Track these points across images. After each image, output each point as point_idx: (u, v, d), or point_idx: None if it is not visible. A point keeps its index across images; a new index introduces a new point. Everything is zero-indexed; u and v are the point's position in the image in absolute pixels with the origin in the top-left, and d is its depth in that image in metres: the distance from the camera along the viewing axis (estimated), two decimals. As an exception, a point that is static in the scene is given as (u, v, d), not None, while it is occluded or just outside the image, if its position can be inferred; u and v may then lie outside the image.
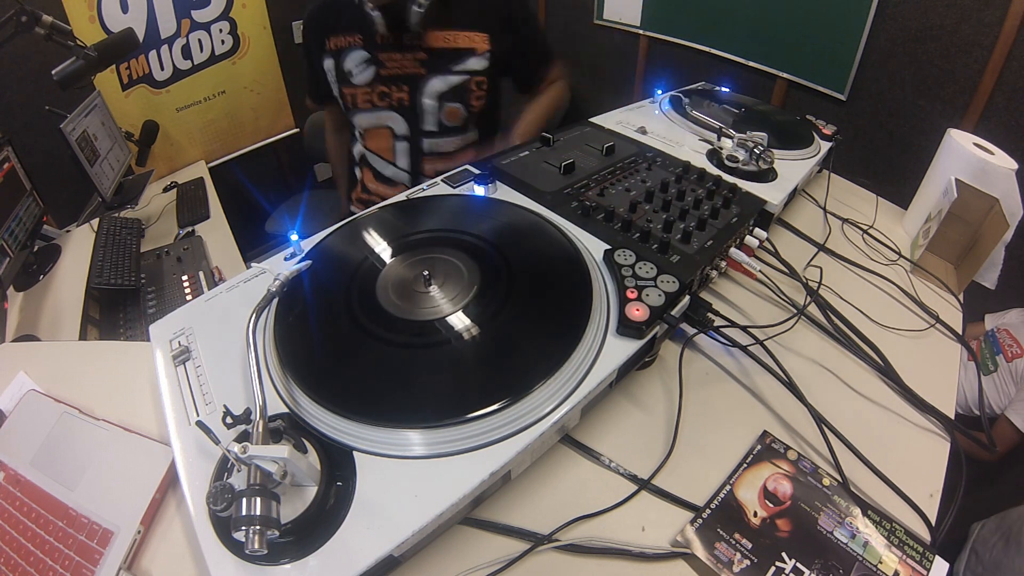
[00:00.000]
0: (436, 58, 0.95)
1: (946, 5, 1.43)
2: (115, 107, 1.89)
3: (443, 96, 0.97)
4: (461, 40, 0.95)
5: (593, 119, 1.03)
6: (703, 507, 0.50)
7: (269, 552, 0.36)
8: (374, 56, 0.94)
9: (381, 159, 1.06)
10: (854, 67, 1.65)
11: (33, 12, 1.23)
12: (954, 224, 0.84)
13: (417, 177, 1.06)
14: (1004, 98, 1.40)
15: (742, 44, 1.94)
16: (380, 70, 0.96)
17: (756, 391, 0.62)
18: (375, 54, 0.94)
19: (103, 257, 1.35)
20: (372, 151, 1.06)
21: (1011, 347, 1.42)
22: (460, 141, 1.05)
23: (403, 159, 1.03)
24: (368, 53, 0.95)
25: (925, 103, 1.56)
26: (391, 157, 1.04)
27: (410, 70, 0.95)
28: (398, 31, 0.92)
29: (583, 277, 0.58)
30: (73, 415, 0.58)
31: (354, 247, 0.66)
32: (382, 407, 0.46)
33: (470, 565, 0.46)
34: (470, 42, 0.95)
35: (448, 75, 0.96)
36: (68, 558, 0.48)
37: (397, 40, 0.93)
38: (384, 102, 0.98)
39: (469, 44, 0.95)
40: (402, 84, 0.96)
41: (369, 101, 0.99)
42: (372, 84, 0.97)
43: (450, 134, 1.02)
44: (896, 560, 0.47)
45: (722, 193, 0.76)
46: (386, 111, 0.99)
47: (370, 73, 0.96)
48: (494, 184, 0.77)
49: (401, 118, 1.00)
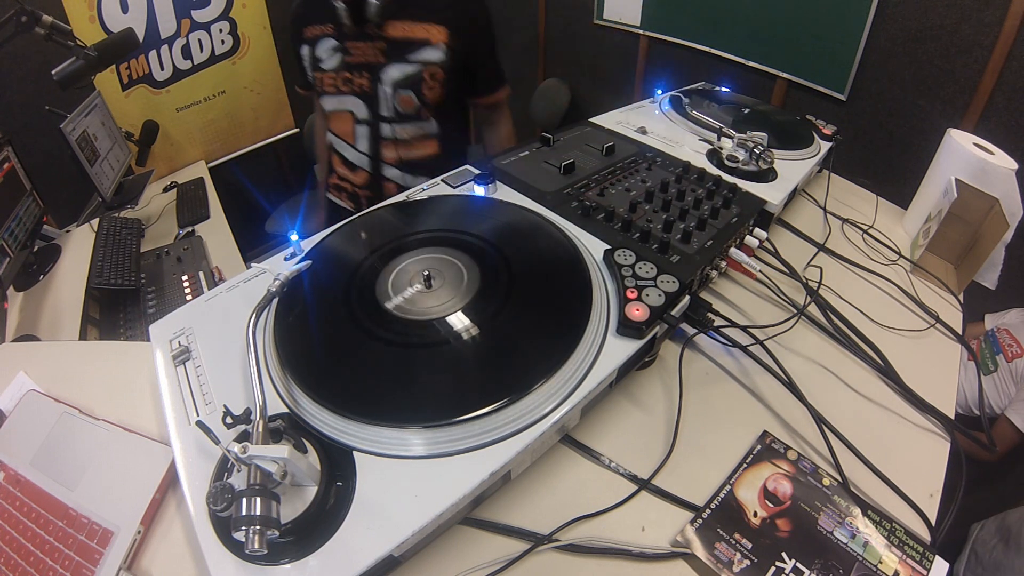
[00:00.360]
0: (395, 47, 1.02)
1: (946, 5, 1.43)
2: (115, 107, 1.89)
3: (397, 83, 1.04)
4: (419, 31, 1.02)
5: (593, 119, 1.03)
6: (703, 507, 0.50)
7: (269, 552, 0.36)
8: (342, 44, 1.03)
9: (344, 142, 1.13)
10: (854, 67, 1.65)
11: (33, 12, 1.23)
12: (954, 224, 0.84)
13: (377, 162, 1.12)
14: (1004, 98, 1.40)
15: (742, 44, 1.94)
16: (346, 57, 1.04)
17: (756, 391, 0.62)
18: (343, 43, 1.03)
19: (103, 257, 1.35)
20: (336, 135, 1.14)
21: (1011, 347, 1.42)
22: (416, 130, 1.10)
23: (363, 143, 1.10)
24: (337, 41, 1.03)
25: (925, 103, 1.56)
26: (352, 141, 1.12)
27: (371, 58, 1.03)
28: (361, 22, 1.00)
29: (583, 277, 0.58)
30: (73, 415, 0.58)
31: (354, 247, 0.66)
32: (382, 407, 0.46)
33: (470, 565, 0.46)
34: (427, 33, 1.02)
35: (404, 64, 1.02)
36: (68, 558, 0.48)
37: (361, 30, 1.01)
38: (347, 87, 1.06)
39: (425, 35, 1.02)
40: (364, 71, 1.04)
41: (334, 85, 1.07)
42: (338, 70, 1.05)
43: (405, 121, 1.08)
44: (896, 560, 0.47)
45: (722, 193, 0.76)
46: (349, 96, 1.07)
47: (337, 60, 1.04)
48: (494, 184, 0.77)
49: (362, 103, 1.07)
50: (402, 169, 1.13)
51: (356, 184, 1.18)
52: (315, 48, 1.06)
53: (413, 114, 1.07)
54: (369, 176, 1.14)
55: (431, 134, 1.11)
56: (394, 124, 1.08)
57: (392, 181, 1.15)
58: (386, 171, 1.13)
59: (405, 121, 1.08)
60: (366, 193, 1.18)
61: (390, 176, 1.14)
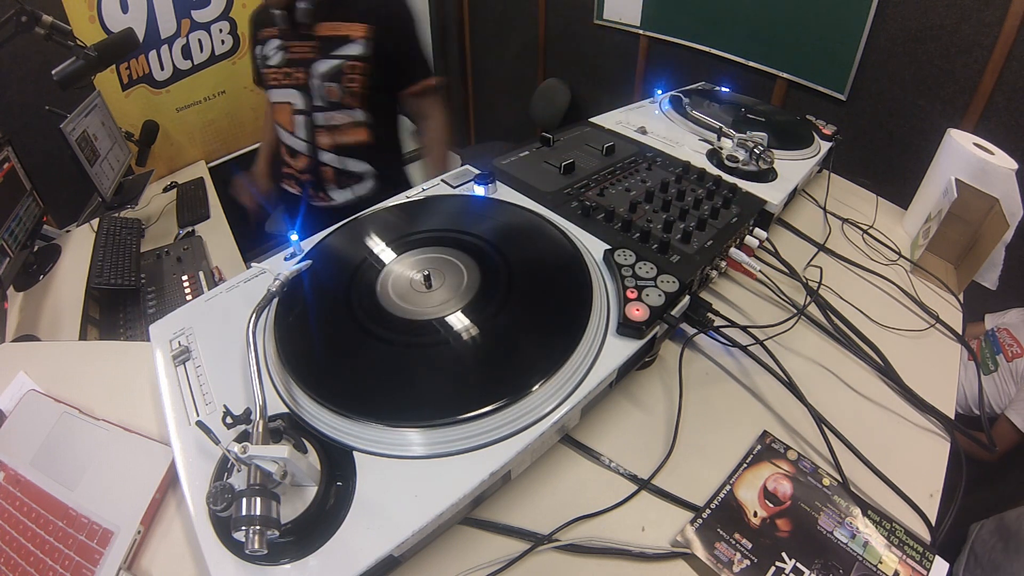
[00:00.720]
0: (324, 44, 1.16)
1: (946, 5, 1.43)
2: (115, 107, 1.89)
3: (324, 76, 1.17)
4: (343, 29, 1.16)
5: (593, 119, 1.03)
6: (703, 507, 0.50)
7: (269, 552, 0.36)
8: (284, 44, 1.19)
9: (286, 131, 1.27)
10: (854, 67, 1.65)
11: (33, 12, 1.23)
12: (954, 224, 0.84)
13: (314, 148, 1.26)
14: (1004, 98, 1.40)
15: (742, 44, 1.93)
16: (287, 55, 1.19)
17: (756, 391, 0.62)
18: (285, 42, 1.19)
19: (103, 257, 1.35)
20: (281, 125, 1.28)
21: (1011, 347, 1.41)
22: (345, 117, 1.23)
23: (301, 131, 1.25)
24: (281, 41, 1.19)
25: (925, 103, 1.56)
26: (292, 129, 1.26)
27: (305, 55, 1.18)
28: (295, 25, 1.15)
29: (583, 277, 0.58)
30: (73, 415, 0.58)
31: (354, 247, 0.66)
32: (382, 407, 0.46)
33: (470, 565, 0.46)
34: (349, 31, 1.16)
35: (330, 59, 1.17)
36: (68, 558, 0.48)
37: (298, 31, 1.16)
38: (288, 80, 1.21)
39: (348, 32, 1.16)
40: (299, 66, 1.19)
41: (277, 80, 1.22)
42: (280, 66, 1.21)
43: (334, 109, 1.21)
44: (896, 560, 0.47)
45: (722, 193, 0.76)
46: (289, 88, 1.22)
47: (280, 57, 1.20)
48: (494, 184, 0.77)
49: (299, 94, 1.22)
50: (336, 153, 1.26)
51: (298, 170, 1.31)
52: (264, 48, 1.22)
53: (340, 103, 1.21)
54: (308, 160, 1.28)
55: (360, 122, 1.24)
56: (325, 112, 1.21)
57: (329, 165, 1.27)
58: (322, 156, 1.26)
59: (334, 109, 1.21)
60: (307, 177, 1.30)
61: (326, 160, 1.26)
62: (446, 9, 3.17)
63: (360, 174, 1.29)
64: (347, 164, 1.27)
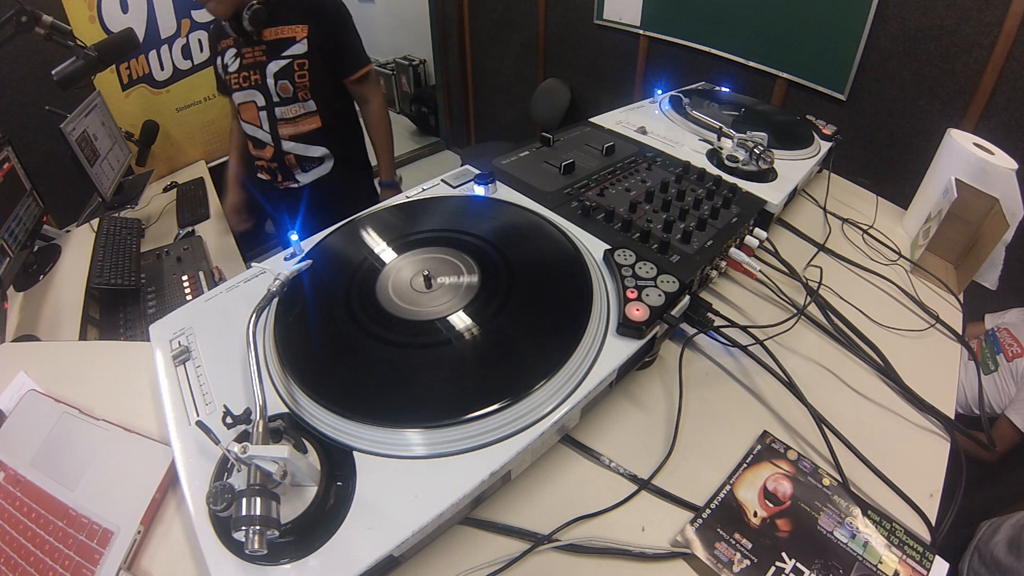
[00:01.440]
0: (271, 48, 1.32)
1: (946, 5, 1.43)
2: (115, 107, 1.89)
3: (276, 75, 1.33)
4: (286, 32, 1.31)
5: (593, 119, 1.03)
6: (703, 507, 0.50)
7: (269, 552, 0.36)
8: (239, 51, 1.34)
9: (253, 126, 1.43)
10: (854, 67, 1.65)
11: (33, 12, 1.23)
12: (954, 224, 0.84)
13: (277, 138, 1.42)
14: (1004, 98, 1.40)
15: (742, 44, 1.93)
16: (242, 60, 1.35)
17: (756, 391, 0.62)
18: (239, 49, 1.34)
19: (103, 257, 1.35)
20: (247, 121, 1.44)
21: (1011, 347, 1.41)
22: (299, 109, 1.39)
23: (265, 124, 1.41)
24: (236, 49, 1.35)
25: (925, 103, 1.56)
26: (258, 124, 1.42)
27: (257, 59, 1.33)
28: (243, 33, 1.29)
29: (583, 277, 0.58)
30: (73, 415, 0.58)
31: (354, 247, 0.66)
32: (382, 407, 0.46)
33: (470, 565, 0.46)
34: (292, 32, 1.31)
35: (279, 59, 1.32)
36: (68, 558, 0.48)
37: (248, 38, 1.32)
38: (247, 83, 1.37)
39: (291, 34, 1.31)
40: (254, 69, 1.34)
41: (238, 83, 1.38)
42: (238, 71, 1.36)
43: (288, 103, 1.38)
44: (896, 560, 0.47)
45: (722, 193, 0.76)
46: (249, 89, 1.37)
47: (237, 63, 1.35)
48: (494, 184, 0.77)
49: (259, 93, 1.37)
50: (296, 141, 1.43)
51: (266, 159, 1.48)
52: (223, 57, 1.38)
53: (292, 97, 1.37)
54: (274, 150, 1.44)
55: (312, 111, 1.41)
56: (282, 106, 1.38)
57: (291, 153, 1.44)
58: (285, 145, 1.43)
59: (289, 103, 1.38)
60: (274, 165, 1.47)
61: (288, 149, 1.44)
62: (446, 9, 3.17)
63: (320, 158, 1.47)
64: (308, 151, 1.45)
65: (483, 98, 3.39)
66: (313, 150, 1.45)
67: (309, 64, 1.34)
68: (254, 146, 1.49)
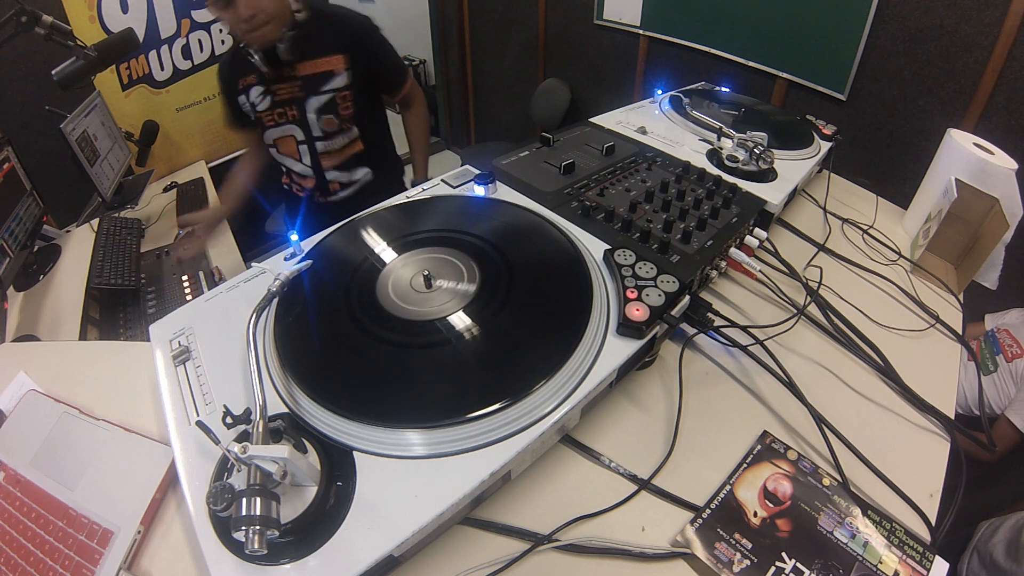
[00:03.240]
0: (308, 83, 1.22)
1: (946, 5, 1.43)
2: (115, 107, 1.89)
3: (319, 111, 1.25)
4: (323, 65, 1.22)
5: (593, 119, 1.03)
6: (703, 507, 0.50)
7: (269, 552, 0.36)
8: (267, 88, 1.24)
9: (292, 159, 1.36)
10: (854, 67, 1.65)
11: (33, 12, 1.23)
12: (954, 224, 0.84)
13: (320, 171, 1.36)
14: (1004, 98, 1.40)
15: (742, 44, 1.93)
16: (274, 98, 1.24)
17: (756, 391, 0.62)
18: (267, 86, 1.24)
19: (103, 257, 1.35)
20: (285, 154, 1.37)
21: (1011, 347, 1.41)
22: (343, 140, 1.33)
23: (306, 158, 1.34)
24: (263, 87, 1.24)
25: (925, 103, 1.56)
26: (298, 157, 1.35)
27: (293, 94, 1.24)
28: (277, 67, 1.19)
29: (583, 277, 0.58)
30: (73, 415, 0.58)
31: (354, 247, 0.66)
32: (382, 407, 0.46)
33: (470, 565, 0.46)
34: (330, 65, 1.22)
35: (319, 95, 1.24)
36: (68, 558, 0.48)
37: (279, 74, 1.21)
38: (283, 119, 1.28)
39: (330, 67, 1.22)
40: (290, 105, 1.25)
41: (272, 120, 1.28)
42: (271, 109, 1.26)
43: (332, 137, 1.31)
44: (896, 560, 0.47)
45: (722, 193, 0.76)
46: (286, 125, 1.29)
47: (268, 101, 1.25)
48: (494, 184, 0.77)
49: (297, 128, 1.29)
50: (340, 169, 1.37)
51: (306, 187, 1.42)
52: (249, 95, 1.27)
53: (337, 130, 1.30)
54: (316, 180, 1.38)
55: (355, 138, 1.35)
56: (325, 141, 1.31)
57: (335, 181, 1.38)
58: (328, 175, 1.37)
59: (333, 137, 1.31)
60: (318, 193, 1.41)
61: (332, 178, 1.38)
62: (446, 9, 3.17)
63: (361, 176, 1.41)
64: (352, 176, 1.39)
65: (483, 98, 3.39)
66: (357, 173, 1.39)
67: (352, 94, 1.27)
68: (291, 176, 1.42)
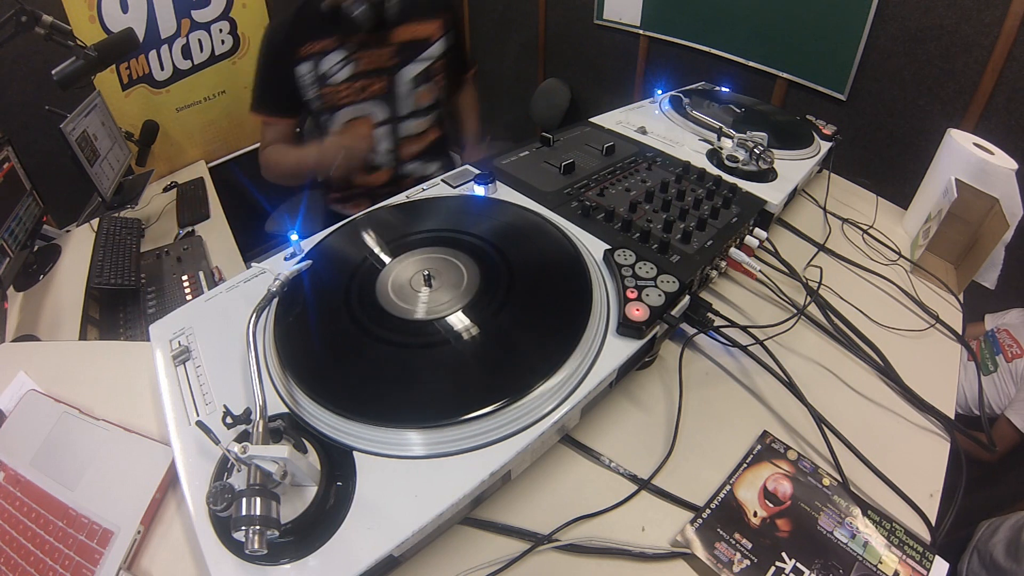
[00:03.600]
0: (404, 49, 1.07)
1: (946, 5, 1.43)
2: (115, 107, 1.89)
3: (414, 81, 1.11)
4: (421, 31, 1.09)
5: (593, 119, 1.03)
6: (703, 507, 0.50)
7: (269, 552, 0.36)
8: (350, 55, 1.04)
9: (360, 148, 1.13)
10: (854, 67, 1.65)
11: (33, 12, 1.23)
12: (954, 224, 0.84)
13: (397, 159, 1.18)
14: (1004, 98, 1.40)
15: (742, 44, 1.93)
16: (356, 67, 1.06)
17: (756, 391, 0.62)
18: (351, 53, 1.04)
19: (103, 257, 1.35)
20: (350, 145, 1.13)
21: (1011, 347, 1.42)
22: (427, 122, 1.18)
23: (386, 142, 1.15)
24: (343, 53, 1.04)
25: (925, 103, 1.56)
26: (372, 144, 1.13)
27: (384, 62, 1.07)
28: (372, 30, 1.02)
29: (583, 277, 0.58)
30: (73, 415, 0.58)
31: (354, 247, 0.66)
32: (382, 407, 0.46)
33: (470, 565, 0.46)
34: (428, 31, 1.10)
35: (416, 62, 1.10)
36: (68, 558, 0.48)
37: (370, 37, 1.04)
38: (362, 95, 1.09)
39: (427, 33, 1.10)
40: (377, 76, 1.07)
41: (348, 96, 1.08)
42: (350, 80, 1.06)
43: (421, 115, 1.15)
44: (896, 560, 0.47)
45: (722, 193, 0.76)
46: (365, 103, 1.10)
47: (349, 70, 1.05)
48: (494, 184, 0.77)
49: (380, 107, 1.11)
50: (418, 159, 1.19)
51: (375, 185, 1.20)
52: (319, 64, 1.04)
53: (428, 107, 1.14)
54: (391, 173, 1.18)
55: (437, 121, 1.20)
56: (413, 119, 1.14)
57: (411, 175, 1.20)
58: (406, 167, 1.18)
59: (422, 115, 1.14)
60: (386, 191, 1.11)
61: (409, 171, 1.19)
62: (446, 9, 3.16)
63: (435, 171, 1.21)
64: (427, 168, 1.20)
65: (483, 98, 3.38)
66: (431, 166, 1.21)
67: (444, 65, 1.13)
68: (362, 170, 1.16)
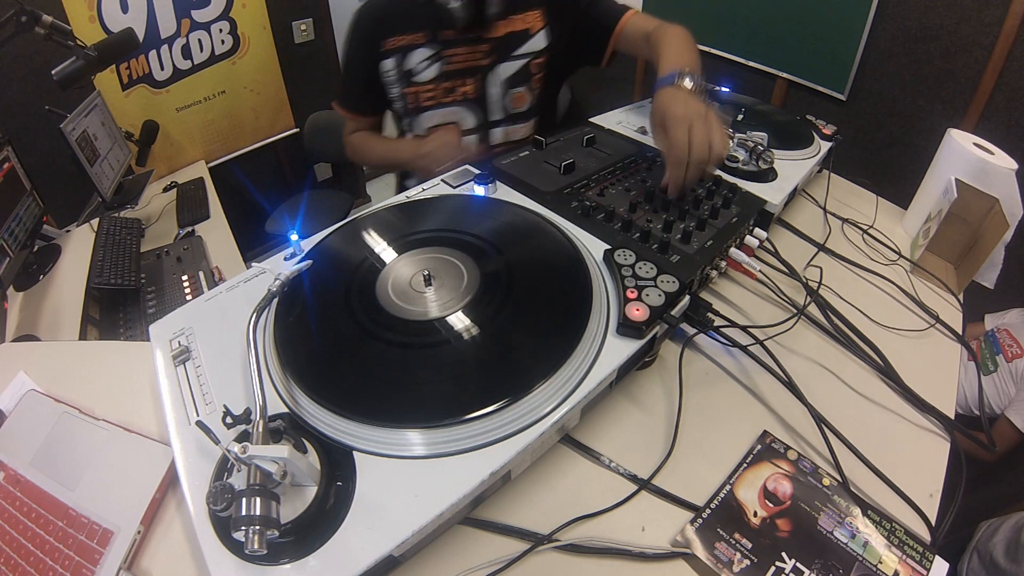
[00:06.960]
0: (499, 46, 0.95)
1: (946, 5, 1.43)
2: (115, 107, 1.89)
3: (508, 82, 0.98)
4: (517, 24, 0.96)
5: (593, 119, 1.03)
6: (703, 507, 0.50)
7: (269, 552, 0.36)
8: (438, 52, 0.94)
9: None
10: (854, 67, 1.65)
11: (33, 12, 1.23)
12: (954, 224, 0.84)
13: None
14: (1004, 98, 1.41)
15: (742, 44, 1.94)
16: (445, 66, 0.95)
17: (756, 391, 0.62)
18: (439, 50, 0.94)
19: (103, 257, 1.35)
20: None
21: (1011, 347, 1.42)
22: (525, 129, 1.04)
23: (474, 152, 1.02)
24: (431, 50, 0.94)
25: (925, 103, 1.56)
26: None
27: (475, 62, 0.95)
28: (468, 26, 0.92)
29: (583, 277, 0.58)
30: (73, 415, 0.58)
31: (354, 247, 0.66)
32: (382, 407, 0.46)
33: (470, 565, 0.46)
34: (525, 23, 0.96)
35: (511, 61, 0.97)
36: (68, 558, 0.48)
37: (461, 33, 0.93)
38: (449, 97, 0.98)
39: (524, 25, 0.96)
40: (468, 77, 0.96)
41: (434, 98, 0.98)
42: (436, 80, 0.96)
43: (516, 121, 1.02)
44: (896, 560, 0.47)
45: (722, 193, 0.76)
46: (452, 106, 0.99)
47: (435, 69, 0.95)
48: (494, 184, 0.77)
49: (469, 111, 0.99)
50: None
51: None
52: (404, 60, 0.95)
53: (525, 111, 1.02)
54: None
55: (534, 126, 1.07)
56: (506, 125, 1.02)
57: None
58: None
59: (515, 121, 1.02)
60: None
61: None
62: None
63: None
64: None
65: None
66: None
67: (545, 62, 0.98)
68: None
